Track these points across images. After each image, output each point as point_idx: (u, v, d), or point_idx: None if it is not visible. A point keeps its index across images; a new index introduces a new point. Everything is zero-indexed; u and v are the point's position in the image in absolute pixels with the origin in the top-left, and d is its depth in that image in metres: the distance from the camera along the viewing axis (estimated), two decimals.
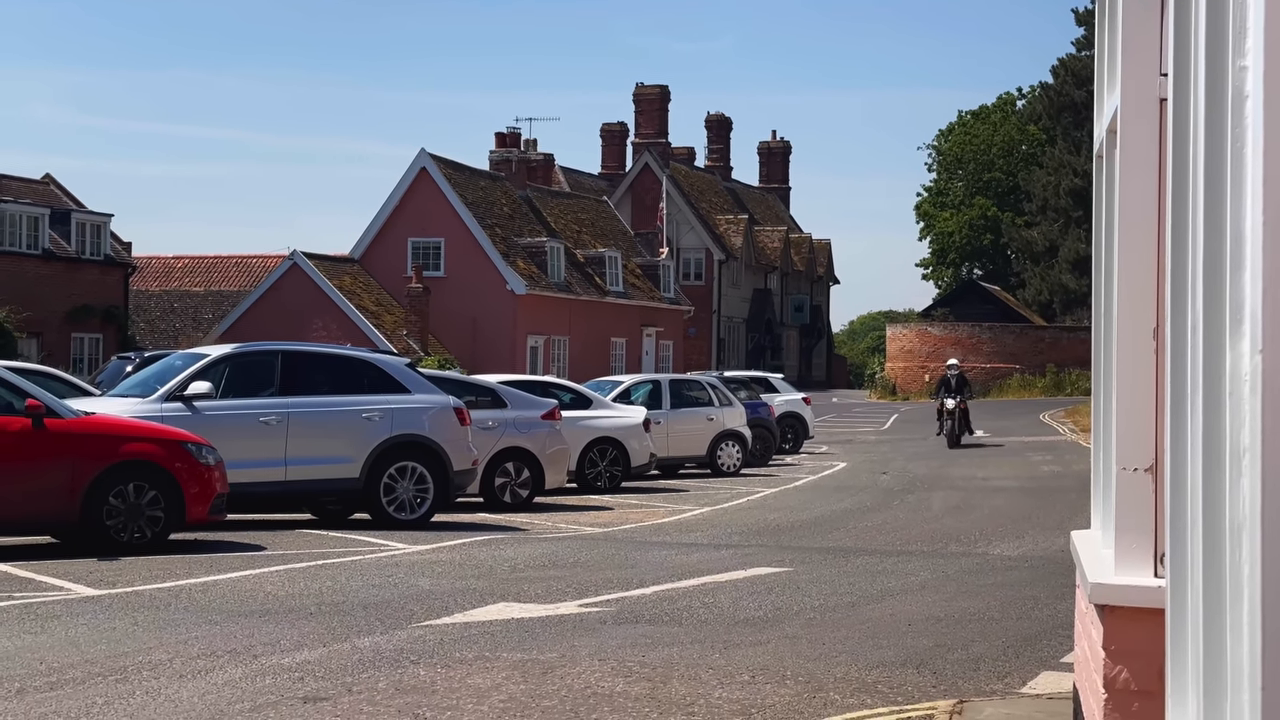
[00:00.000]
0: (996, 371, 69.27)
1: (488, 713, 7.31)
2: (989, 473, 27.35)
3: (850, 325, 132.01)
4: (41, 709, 7.25)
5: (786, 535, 16.73)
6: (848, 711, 7.44)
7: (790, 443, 34.49)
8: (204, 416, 16.28)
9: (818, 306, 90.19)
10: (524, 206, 60.94)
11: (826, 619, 10.56)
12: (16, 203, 50.02)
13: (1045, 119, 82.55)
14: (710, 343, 74.85)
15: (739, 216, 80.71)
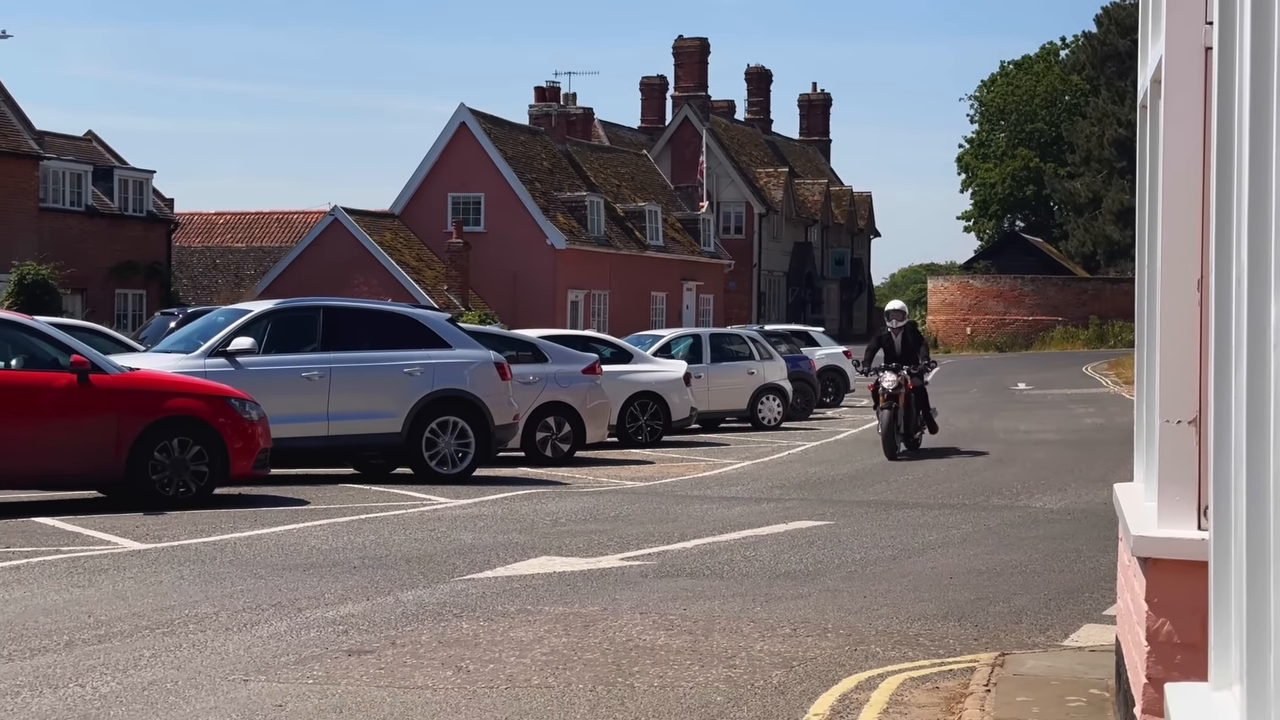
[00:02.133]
0: (1039, 324, 68.92)
1: (530, 665, 7.35)
2: (1031, 425, 27.25)
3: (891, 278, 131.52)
4: (90, 661, 7.34)
5: (827, 489, 16.73)
6: (889, 664, 7.45)
7: (831, 396, 34.42)
8: (247, 372, 16.36)
9: (858, 260, 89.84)
10: (563, 161, 60.84)
11: (867, 572, 10.57)
12: (60, 159, 50.26)
13: (1089, 69, 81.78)
14: (750, 296, 74.69)
15: (779, 169, 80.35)
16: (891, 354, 20.82)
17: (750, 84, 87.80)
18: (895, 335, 21.00)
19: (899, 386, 20.14)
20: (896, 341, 20.94)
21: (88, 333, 19.53)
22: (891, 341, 21.00)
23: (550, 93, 65.46)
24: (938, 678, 7.13)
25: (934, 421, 21.26)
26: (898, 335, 21.00)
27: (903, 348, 20.89)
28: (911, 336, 21.19)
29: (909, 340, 21.05)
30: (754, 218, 76.62)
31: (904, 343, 20.95)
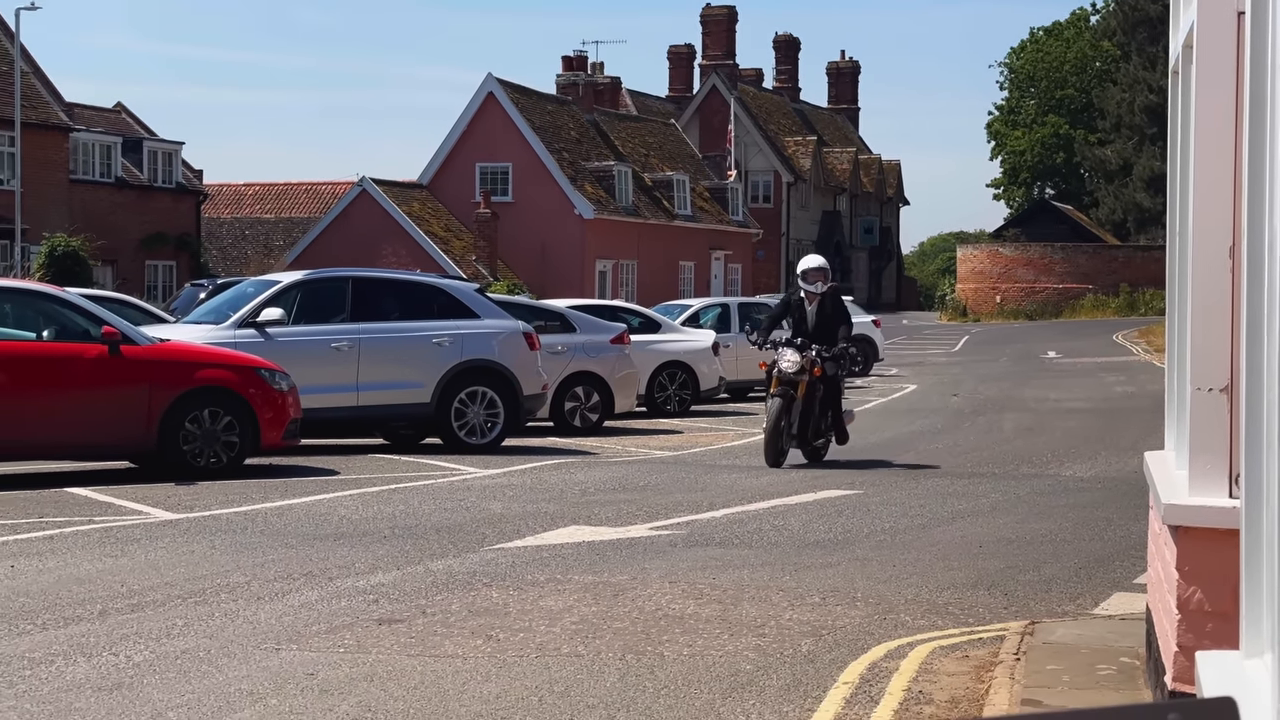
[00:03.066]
0: (1069, 292, 68.64)
1: (560, 634, 7.38)
2: (1061, 394, 27.16)
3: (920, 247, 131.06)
4: (123, 630, 7.39)
5: (856, 457, 16.70)
6: (918, 633, 7.45)
7: (860, 365, 34.29)
8: (277, 343, 16.41)
9: (887, 228, 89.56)
10: (591, 130, 60.74)
11: (897, 541, 10.57)
12: (89, 131, 50.42)
13: (1119, 34, 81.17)
14: (779, 265, 74.51)
15: (807, 138, 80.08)
16: (801, 326, 15.67)
17: (778, 52, 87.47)
18: (809, 302, 15.76)
19: (801, 371, 15.17)
20: (810, 311, 15.70)
21: (118, 304, 19.63)
22: (803, 310, 15.77)
23: (578, 62, 65.30)
24: (967, 646, 7.13)
25: (845, 428, 15.92)
26: (813, 303, 15.75)
27: (817, 319, 15.65)
28: (832, 306, 15.80)
29: (827, 311, 15.73)
30: (782, 186, 76.40)
31: (820, 313, 15.70)
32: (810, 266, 15.87)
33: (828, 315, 15.59)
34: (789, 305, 15.90)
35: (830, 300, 15.75)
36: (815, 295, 15.65)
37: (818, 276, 15.71)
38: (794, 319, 15.68)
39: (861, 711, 5.97)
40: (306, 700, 6.09)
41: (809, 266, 15.86)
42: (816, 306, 15.64)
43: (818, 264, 15.94)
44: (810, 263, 16.01)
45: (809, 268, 15.82)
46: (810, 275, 15.75)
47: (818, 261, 16.04)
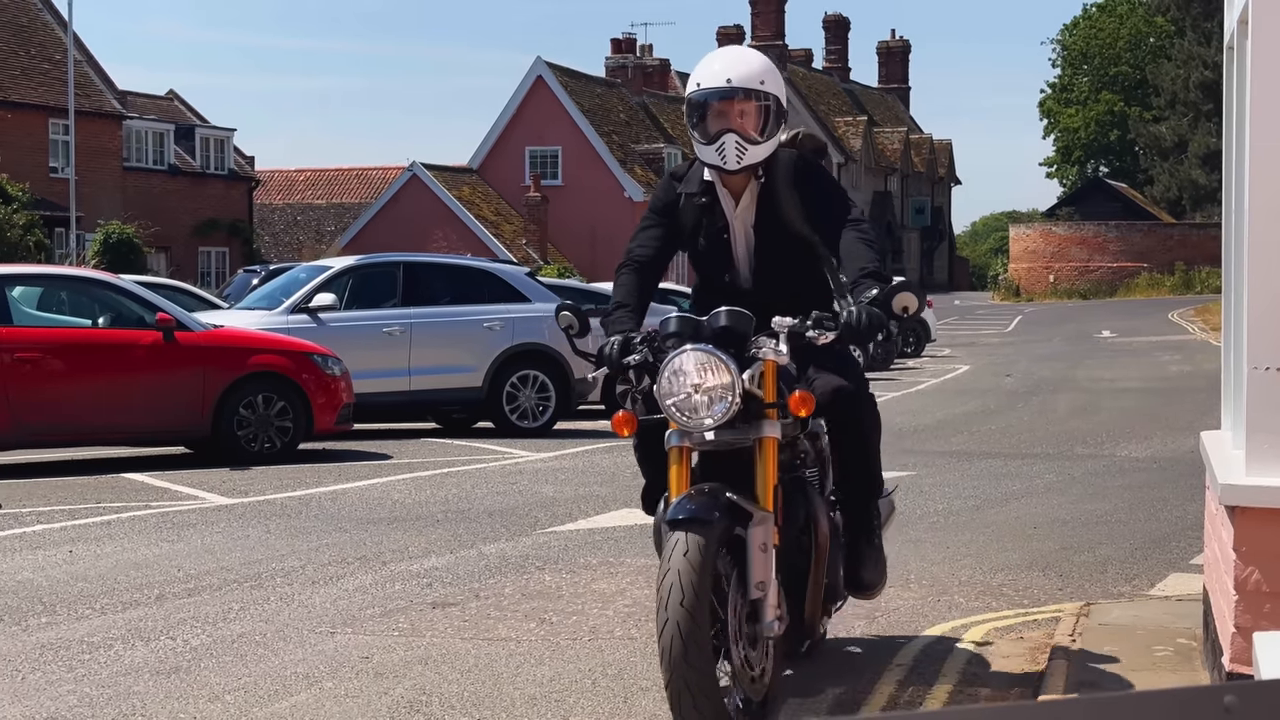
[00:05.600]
0: (1123, 271, 68.12)
1: (613, 617, 7.39)
2: (1116, 373, 26.96)
3: (972, 226, 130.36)
4: (181, 614, 7.46)
5: (909, 439, 16.64)
6: (973, 615, 7.41)
7: (912, 346, 34.21)
8: (329, 328, 16.50)
9: (939, 208, 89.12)
10: (640, 113, 60.69)
11: (950, 523, 10.52)
12: (142, 119, 50.77)
13: (1173, 10, 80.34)
14: None
15: (858, 118, 79.76)
16: (716, 269, 5.57)
17: (828, 32, 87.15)
18: (729, 196, 5.46)
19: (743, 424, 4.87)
20: (739, 219, 5.45)
21: (172, 290, 19.77)
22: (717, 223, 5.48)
23: (626, 44, 65.25)
24: (1022, 628, 7.09)
25: (879, 553, 5.82)
26: (741, 194, 5.44)
27: (765, 240, 5.44)
28: (805, 191, 5.43)
29: (789, 206, 5.39)
30: (833, 167, 76.03)
31: (770, 218, 5.42)
32: (714, 86, 5.25)
33: (791, 219, 5.42)
34: (674, 221, 5.53)
35: (796, 175, 5.43)
36: (742, 163, 5.30)
37: (750, 109, 5.25)
38: (701, 256, 5.63)
39: (916, 694, 5.95)
40: (362, 683, 6.13)
41: (714, 85, 5.26)
42: (757, 199, 5.43)
43: (741, 69, 5.28)
44: (720, 67, 5.29)
45: (712, 88, 5.25)
46: (718, 107, 5.25)
47: (739, 64, 5.33)
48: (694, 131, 5.30)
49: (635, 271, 5.47)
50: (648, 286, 5.45)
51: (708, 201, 5.45)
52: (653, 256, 5.48)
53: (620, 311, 5.32)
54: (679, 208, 5.49)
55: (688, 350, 4.80)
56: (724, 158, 5.26)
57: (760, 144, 5.28)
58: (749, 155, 5.26)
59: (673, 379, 4.79)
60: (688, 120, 5.30)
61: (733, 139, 5.22)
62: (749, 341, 4.88)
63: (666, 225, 5.50)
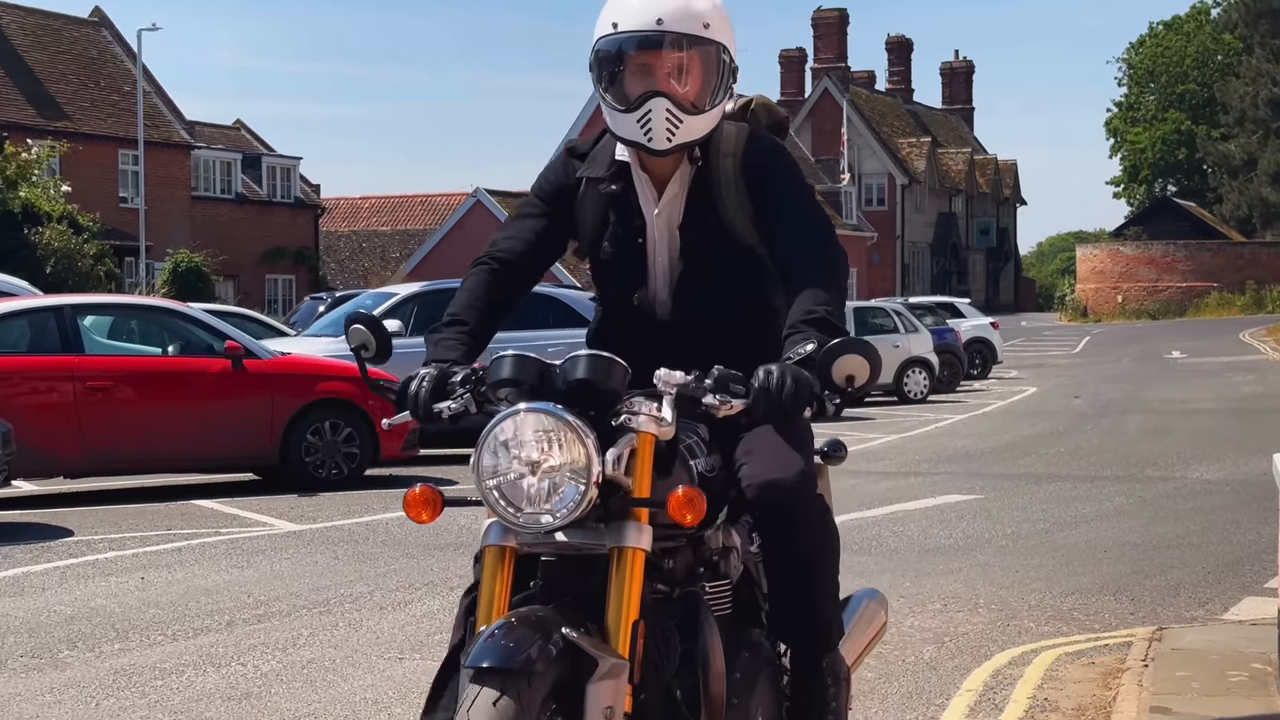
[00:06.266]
0: (1193, 290, 67.43)
1: None
2: (1187, 394, 26.66)
3: (1039, 247, 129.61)
4: (250, 640, 7.51)
5: (976, 462, 16.53)
6: (1043, 639, 7.35)
7: (978, 368, 34.00)
8: (395, 354, 16.48)
9: (1004, 229, 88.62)
10: None
11: (1019, 546, 10.43)
12: (210, 149, 51.37)
13: (1241, 27, 79.61)
14: (894, 269, 74.02)
15: (921, 139, 79.49)
16: (622, 282, 3.91)
17: (891, 53, 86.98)
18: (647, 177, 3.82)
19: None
20: (657, 213, 3.81)
21: (240, 318, 19.97)
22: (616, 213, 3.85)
23: None
24: (1093, 653, 7.02)
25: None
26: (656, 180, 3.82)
27: (695, 246, 3.80)
28: (749, 179, 3.78)
29: (731, 199, 3.76)
30: (896, 189, 75.88)
31: (699, 220, 3.79)
32: (636, 29, 3.64)
33: (735, 221, 3.78)
34: (566, 214, 3.92)
35: (747, 159, 3.77)
36: (673, 142, 3.67)
37: (689, 63, 3.66)
38: (603, 266, 3.95)
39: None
40: None
41: (637, 27, 3.64)
42: (688, 190, 3.79)
43: (675, 5, 3.63)
44: (643, 3, 3.65)
45: (634, 32, 3.64)
46: (640, 60, 3.65)
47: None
48: (605, 94, 3.69)
49: (490, 274, 3.85)
50: (504, 298, 3.85)
51: (618, 191, 3.81)
52: (522, 255, 3.86)
53: (450, 330, 3.76)
54: (577, 197, 3.86)
55: (523, 411, 3.22)
56: (649, 133, 3.63)
57: (701, 114, 3.67)
58: (684, 130, 3.65)
59: (499, 451, 3.24)
60: (595, 78, 3.72)
61: (662, 106, 3.61)
62: (620, 401, 3.30)
63: (553, 218, 3.88)
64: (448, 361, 3.67)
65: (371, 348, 3.86)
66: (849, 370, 3.24)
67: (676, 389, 3.32)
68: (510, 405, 3.30)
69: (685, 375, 3.33)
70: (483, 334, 3.79)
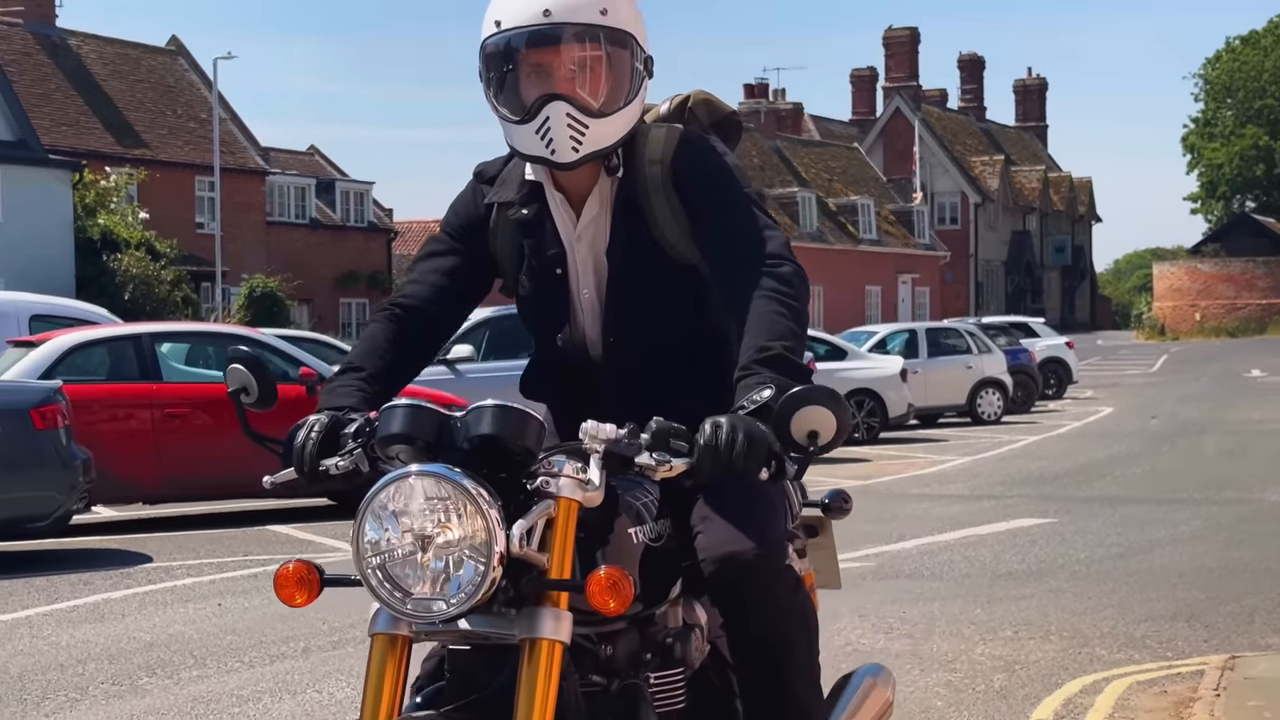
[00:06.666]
0: (1273, 308, 66.58)
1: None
2: (1266, 414, 26.34)
3: (1115, 264, 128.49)
4: (326, 667, 7.60)
5: (1050, 485, 16.42)
6: (1114, 667, 7.30)
7: (1053, 388, 33.76)
8: (466, 379, 16.70)
9: (1079, 246, 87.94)
10: (774, 157, 60.76)
11: (1092, 571, 10.36)
12: (284, 174, 51.96)
13: None
14: (968, 288, 73.61)
15: (994, 157, 79.07)
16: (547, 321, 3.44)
17: (963, 71, 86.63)
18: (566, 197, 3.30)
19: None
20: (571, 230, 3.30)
21: (314, 343, 20.16)
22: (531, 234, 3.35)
23: (759, 89, 65.47)
24: (1165, 681, 6.97)
25: None
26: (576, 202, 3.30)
27: (629, 277, 3.28)
28: (688, 188, 3.23)
29: (660, 212, 3.23)
30: (969, 207, 75.48)
31: (625, 241, 3.25)
32: (523, 24, 3.10)
33: (670, 239, 3.25)
34: (478, 249, 3.41)
35: (677, 165, 3.23)
36: (580, 153, 3.15)
37: (590, 58, 3.13)
38: (526, 303, 3.45)
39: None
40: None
41: (523, 22, 3.10)
42: (611, 207, 3.27)
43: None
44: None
45: (521, 28, 3.11)
46: (532, 59, 3.13)
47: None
48: (497, 104, 3.17)
49: (392, 321, 3.35)
50: (413, 348, 3.38)
51: (531, 216, 3.29)
52: (428, 300, 3.36)
53: (345, 378, 3.27)
54: (489, 228, 3.36)
55: (413, 474, 2.70)
56: (551, 144, 3.12)
57: (609, 116, 3.13)
58: (591, 137, 3.12)
59: (385, 524, 2.76)
60: (484, 86, 3.19)
61: (562, 110, 3.08)
62: (535, 461, 2.80)
63: (464, 254, 3.38)
64: (343, 408, 3.14)
65: (253, 392, 3.26)
66: (811, 425, 2.72)
67: (605, 446, 2.77)
68: (401, 466, 2.77)
69: (617, 429, 2.77)
70: (387, 382, 3.29)
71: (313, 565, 2.92)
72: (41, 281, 31.36)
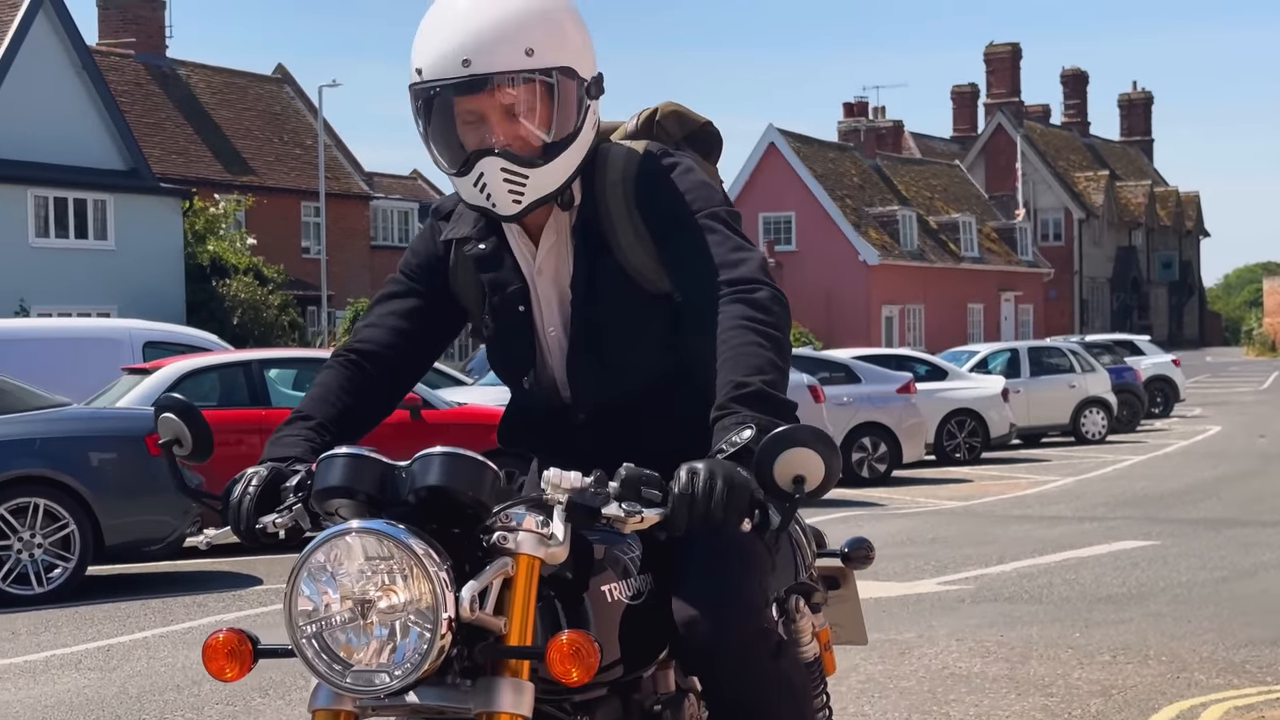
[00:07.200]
0: None
1: (846, 693, 7.46)
2: None
3: (1225, 279, 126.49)
4: None
5: (1154, 506, 16.29)
6: (1212, 692, 7.29)
7: (1159, 407, 33.37)
8: None
9: (1187, 262, 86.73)
10: (874, 175, 60.59)
11: (1194, 595, 10.30)
12: (388, 198, 52.65)
13: None
14: (1072, 305, 72.85)
15: (1099, 173, 78.25)
16: (517, 367, 3.21)
17: (1066, 86, 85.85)
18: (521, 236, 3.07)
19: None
20: (539, 279, 3.07)
21: None
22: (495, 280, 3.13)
23: (859, 108, 65.33)
24: (1264, 707, 6.95)
25: None
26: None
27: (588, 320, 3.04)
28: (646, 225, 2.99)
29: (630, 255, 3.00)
30: (1073, 223, 74.74)
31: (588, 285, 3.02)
32: (442, 76, 2.84)
33: (636, 267, 3.00)
34: (438, 289, 3.21)
35: (640, 186, 2.98)
36: (523, 204, 2.92)
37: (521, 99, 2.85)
38: (491, 345, 3.24)
39: None
40: None
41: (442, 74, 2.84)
42: (571, 237, 3.03)
43: (485, 35, 2.81)
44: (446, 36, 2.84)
45: (441, 80, 2.85)
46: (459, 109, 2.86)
47: (478, 21, 2.82)
48: (435, 154, 2.93)
49: (347, 368, 3.10)
50: (371, 396, 3.12)
51: (489, 250, 3.07)
52: (387, 345, 3.14)
53: (291, 427, 2.99)
54: (449, 267, 3.15)
55: (352, 532, 2.46)
56: (491, 199, 2.90)
57: (550, 162, 2.88)
58: (533, 186, 2.88)
59: (322, 587, 2.49)
60: (419, 133, 2.93)
61: (495, 166, 2.85)
62: (490, 515, 2.55)
63: (423, 295, 3.16)
64: (287, 459, 2.87)
65: (186, 443, 2.91)
66: (797, 468, 2.47)
67: (569, 496, 2.53)
68: (339, 522, 2.52)
69: (582, 477, 2.54)
70: (338, 431, 2.98)
71: (245, 635, 2.63)
72: (153, 308, 32.11)
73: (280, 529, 2.75)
